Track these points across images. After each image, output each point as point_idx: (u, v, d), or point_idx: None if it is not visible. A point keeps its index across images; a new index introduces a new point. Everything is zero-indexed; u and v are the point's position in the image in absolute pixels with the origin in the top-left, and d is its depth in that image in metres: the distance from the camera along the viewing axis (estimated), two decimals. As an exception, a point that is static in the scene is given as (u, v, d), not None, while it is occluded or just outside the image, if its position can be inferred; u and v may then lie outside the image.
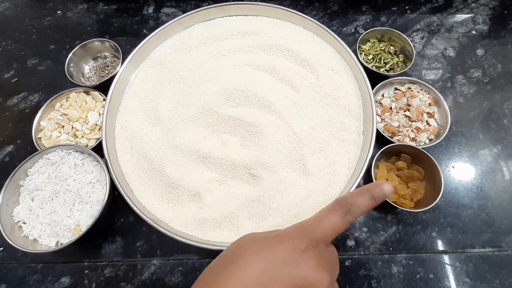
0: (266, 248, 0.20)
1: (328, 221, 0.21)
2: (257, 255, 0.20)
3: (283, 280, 0.19)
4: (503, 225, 0.41)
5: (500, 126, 0.48)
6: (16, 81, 0.55)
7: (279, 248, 0.20)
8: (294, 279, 0.19)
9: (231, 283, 0.19)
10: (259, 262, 0.20)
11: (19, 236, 0.38)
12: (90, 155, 0.42)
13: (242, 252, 0.20)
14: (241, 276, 0.19)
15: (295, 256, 0.20)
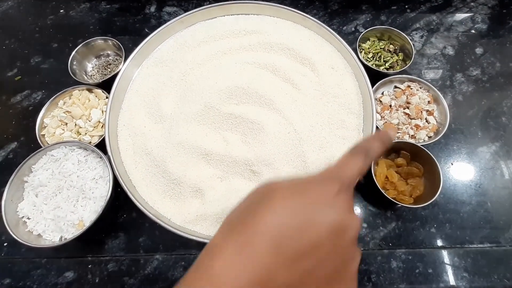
0: (299, 192, 0.20)
1: (353, 164, 0.22)
2: (290, 198, 0.19)
3: (320, 223, 0.18)
4: (501, 221, 0.42)
5: (499, 124, 0.49)
6: (20, 79, 0.56)
7: (312, 191, 0.20)
8: (330, 221, 0.19)
9: (263, 226, 0.18)
10: (293, 205, 0.19)
11: (23, 231, 0.39)
12: (94, 151, 0.43)
13: (272, 195, 0.19)
14: (274, 218, 0.18)
15: (329, 199, 0.20)
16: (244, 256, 0.17)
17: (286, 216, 0.18)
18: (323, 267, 0.18)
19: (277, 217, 0.18)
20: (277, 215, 0.18)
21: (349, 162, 0.22)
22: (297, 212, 0.18)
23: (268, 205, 0.19)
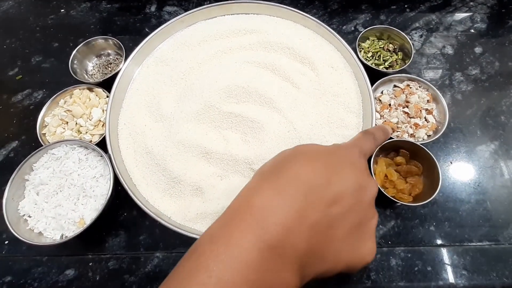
0: (326, 152, 0.22)
1: (367, 140, 0.25)
2: (318, 156, 0.21)
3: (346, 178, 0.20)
4: (500, 219, 0.42)
5: (498, 123, 0.49)
6: (21, 78, 0.56)
7: (338, 153, 0.22)
8: (354, 178, 0.21)
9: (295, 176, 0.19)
10: (321, 162, 0.21)
11: (24, 229, 0.39)
12: (94, 150, 0.43)
13: (302, 154, 0.21)
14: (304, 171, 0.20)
15: (353, 160, 0.22)
16: (280, 196, 0.19)
17: (315, 170, 0.20)
18: (347, 218, 0.20)
19: (307, 170, 0.20)
20: (307, 168, 0.20)
21: (363, 138, 0.25)
22: (325, 167, 0.20)
23: (299, 161, 0.21)
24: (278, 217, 0.18)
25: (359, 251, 0.21)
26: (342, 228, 0.20)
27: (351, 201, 0.20)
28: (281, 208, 0.18)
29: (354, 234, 0.21)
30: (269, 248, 0.17)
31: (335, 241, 0.19)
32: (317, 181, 0.20)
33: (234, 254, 0.17)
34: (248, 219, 0.18)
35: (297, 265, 0.18)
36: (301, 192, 0.19)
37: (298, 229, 0.18)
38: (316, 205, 0.19)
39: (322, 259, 0.19)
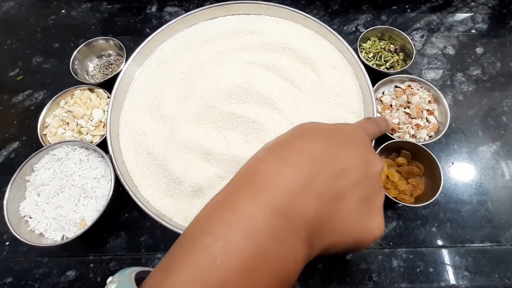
0: (333, 129, 0.22)
1: (371, 123, 0.26)
2: (325, 132, 0.21)
3: (353, 152, 0.21)
4: (502, 220, 0.42)
5: (499, 123, 0.49)
6: (21, 79, 0.56)
7: (344, 130, 0.22)
8: (361, 153, 0.21)
9: (301, 149, 0.19)
10: (328, 137, 0.21)
11: (25, 230, 0.39)
12: (95, 151, 0.43)
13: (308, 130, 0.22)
14: (311, 145, 0.20)
15: (359, 137, 0.22)
16: (286, 165, 0.19)
17: (320, 144, 0.20)
18: (354, 191, 0.20)
19: (313, 144, 0.20)
20: (312, 142, 0.20)
21: (367, 121, 0.26)
22: (330, 142, 0.20)
23: (304, 135, 0.21)
24: (285, 184, 0.18)
25: (367, 225, 0.21)
26: (350, 200, 0.20)
27: (357, 175, 0.20)
28: (288, 175, 0.18)
29: (361, 207, 0.20)
30: (276, 213, 0.17)
31: (343, 213, 0.19)
32: (323, 154, 0.20)
33: (240, 218, 0.17)
34: (254, 185, 0.18)
35: (305, 233, 0.18)
36: (307, 162, 0.19)
37: (305, 196, 0.18)
38: (322, 176, 0.19)
39: (330, 230, 0.19)
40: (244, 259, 0.16)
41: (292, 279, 0.18)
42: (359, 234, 0.20)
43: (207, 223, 0.18)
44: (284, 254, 0.17)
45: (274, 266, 0.16)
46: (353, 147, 0.21)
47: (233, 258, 0.15)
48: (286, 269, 0.17)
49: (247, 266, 0.16)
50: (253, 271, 0.16)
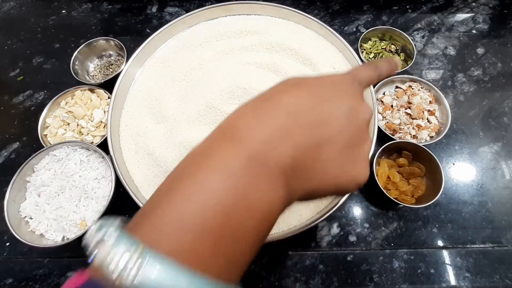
0: (316, 79, 0.21)
1: (363, 69, 0.25)
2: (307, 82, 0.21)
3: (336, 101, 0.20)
4: (503, 221, 0.42)
5: (500, 124, 0.49)
6: (22, 79, 0.56)
7: (328, 79, 0.22)
8: (344, 101, 0.21)
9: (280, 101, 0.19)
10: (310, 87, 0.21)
11: (26, 231, 0.39)
12: (96, 151, 0.43)
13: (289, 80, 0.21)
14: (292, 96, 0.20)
15: (343, 85, 0.22)
16: (262, 117, 0.19)
17: (301, 95, 0.20)
18: (336, 140, 0.20)
19: (292, 96, 0.20)
20: (292, 94, 0.20)
21: (360, 67, 0.25)
22: (312, 93, 0.20)
23: (284, 88, 0.21)
24: (261, 134, 0.18)
25: (350, 172, 0.21)
26: (331, 149, 0.20)
27: (340, 123, 0.20)
28: (264, 126, 0.18)
29: (344, 156, 0.20)
30: (253, 160, 0.17)
31: (322, 161, 0.19)
32: (302, 105, 0.19)
33: (218, 164, 0.17)
34: (231, 137, 0.18)
35: (283, 178, 0.18)
36: (284, 114, 0.19)
37: (282, 145, 0.18)
38: (300, 126, 0.19)
39: (308, 177, 0.19)
40: (223, 201, 0.16)
41: (271, 221, 0.18)
42: (340, 181, 0.21)
43: (185, 169, 0.18)
44: (262, 196, 0.17)
45: (253, 208, 0.17)
46: (336, 96, 0.21)
47: (212, 200, 0.16)
48: (264, 211, 0.17)
49: (226, 207, 0.16)
50: (233, 212, 0.16)
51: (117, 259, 0.14)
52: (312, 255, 0.40)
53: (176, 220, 0.16)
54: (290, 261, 0.40)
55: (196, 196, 0.16)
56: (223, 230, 0.16)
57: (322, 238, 0.42)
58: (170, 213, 0.16)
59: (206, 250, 0.16)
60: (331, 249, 0.41)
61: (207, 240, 0.16)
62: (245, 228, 0.17)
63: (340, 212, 0.43)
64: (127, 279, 0.14)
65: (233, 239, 0.16)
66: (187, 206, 0.16)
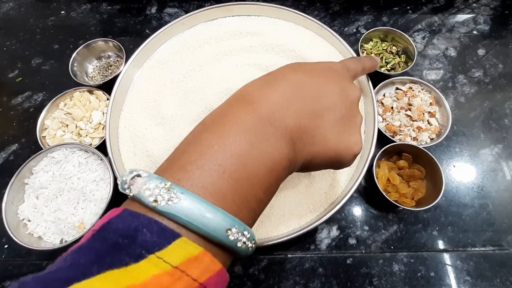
0: (311, 64, 0.25)
1: (352, 61, 0.29)
2: (305, 66, 0.25)
3: (329, 81, 0.24)
4: (504, 224, 0.42)
5: (501, 126, 0.49)
6: (21, 81, 0.55)
7: (321, 64, 0.26)
8: (336, 81, 0.25)
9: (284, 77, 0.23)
10: (307, 70, 0.24)
11: (24, 233, 0.39)
12: (94, 153, 0.43)
13: (288, 65, 0.25)
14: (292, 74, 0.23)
15: (338, 69, 0.26)
16: (270, 87, 0.22)
17: (300, 74, 0.23)
18: (333, 111, 0.23)
19: (293, 74, 0.23)
20: (293, 72, 0.23)
21: (348, 59, 0.30)
22: (310, 74, 0.24)
23: (288, 69, 0.24)
24: (269, 100, 0.21)
25: (346, 141, 0.24)
26: (328, 118, 0.23)
27: (334, 99, 0.23)
28: (271, 95, 0.21)
29: (340, 126, 0.24)
30: (263, 119, 0.20)
31: (322, 128, 0.23)
32: (303, 81, 0.23)
33: (236, 120, 0.20)
34: (244, 101, 0.21)
35: (288, 138, 0.21)
36: (288, 87, 0.22)
37: (287, 110, 0.21)
38: (302, 97, 0.22)
39: (311, 141, 0.22)
40: (240, 151, 0.19)
41: (279, 174, 0.21)
42: (338, 148, 0.23)
43: (207, 125, 0.21)
44: (272, 150, 0.20)
45: (264, 159, 0.19)
46: (330, 78, 0.24)
47: (231, 150, 0.18)
48: (273, 163, 0.20)
49: (242, 156, 0.18)
50: (248, 161, 0.19)
51: (151, 187, 0.16)
52: (311, 258, 0.40)
53: (200, 164, 0.18)
54: (289, 264, 0.40)
55: (218, 146, 0.18)
56: (240, 175, 0.18)
57: (321, 241, 0.41)
58: (195, 158, 0.18)
59: (226, 191, 0.18)
60: (330, 252, 0.41)
61: (227, 182, 0.18)
62: (257, 176, 0.19)
63: (340, 214, 0.43)
64: (161, 204, 0.16)
65: (248, 184, 0.19)
66: (210, 154, 0.18)
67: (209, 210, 0.16)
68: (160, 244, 0.15)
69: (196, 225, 0.16)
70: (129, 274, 0.14)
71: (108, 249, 0.15)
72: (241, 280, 0.39)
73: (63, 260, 0.16)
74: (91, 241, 0.16)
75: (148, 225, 0.15)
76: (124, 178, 0.18)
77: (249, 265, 0.40)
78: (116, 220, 0.16)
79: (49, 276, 0.14)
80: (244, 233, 0.17)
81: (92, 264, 0.14)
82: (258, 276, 0.39)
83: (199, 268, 0.15)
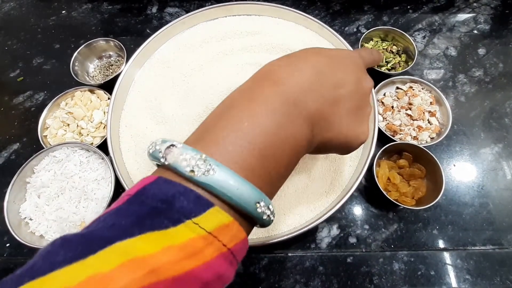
0: (330, 50, 0.26)
1: (365, 52, 0.30)
2: (327, 52, 0.25)
3: (348, 69, 0.25)
4: (504, 223, 0.42)
5: (502, 125, 0.49)
6: (22, 80, 0.56)
7: (340, 51, 0.26)
8: (354, 70, 0.25)
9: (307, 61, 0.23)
10: (329, 56, 0.25)
11: (25, 232, 0.39)
12: (95, 152, 0.43)
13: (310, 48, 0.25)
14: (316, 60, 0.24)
15: (355, 58, 0.26)
16: (294, 68, 0.23)
17: (322, 59, 0.24)
18: (349, 100, 0.24)
19: (316, 58, 0.24)
20: (317, 58, 0.24)
21: (362, 49, 0.30)
22: (330, 59, 0.24)
23: (309, 53, 0.25)
24: (295, 81, 0.22)
25: (356, 129, 0.25)
26: (344, 107, 0.24)
27: (351, 88, 0.24)
28: (297, 76, 0.22)
29: (353, 114, 0.25)
30: (288, 101, 0.21)
31: (338, 115, 0.24)
32: (324, 67, 0.23)
33: (263, 99, 0.21)
34: (270, 79, 0.22)
35: (308, 121, 0.22)
36: (311, 71, 0.23)
37: (310, 95, 0.22)
38: (323, 83, 0.23)
39: (327, 126, 0.23)
40: (267, 129, 0.19)
41: (299, 153, 0.22)
42: (349, 135, 0.25)
43: (235, 101, 0.21)
44: (296, 131, 0.21)
45: (288, 139, 0.20)
46: (349, 66, 0.25)
47: (259, 127, 0.19)
48: (295, 143, 0.21)
49: (269, 134, 0.19)
50: (274, 139, 0.20)
51: (187, 158, 0.17)
52: (312, 257, 0.40)
53: (231, 140, 0.19)
54: (289, 262, 0.40)
55: (248, 123, 0.19)
56: (268, 153, 0.19)
57: (321, 239, 0.42)
58: (227, 134, 0.19)
59: (255, 166, 0.19)
60: (331, 250, 0.41)
61: (256, 159, 0.19)
62: (282, 155, 0.20)
63: (340, 213, 0.43)
64: (197, 174, 0.17)
65: (274, 161, 0.20)
66: (241, 130, 0.19)
67: (242, 183, 0.17)
68: (196, 211, 0.16)
69: (230, 196, 0.17)
70: (168, 236, 0.15)
71: (148, 212, 0.16)
72: (241, 278, 0.39)
73: (102, 220, 0.17)
74: (128, 204, 0.17)
75: (185, 193, 0.17)
76: (158, 147, 0.18)
77: (250, 263, 0.40)
78: (152, 186, 0.17)
79: (93, 233, 0.15)
80: (269, 207, 0.19)
81: (132, 226, 0.15)
82: (258, 275, 0.40)
83: (229, 235, 0.17)
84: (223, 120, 0.20)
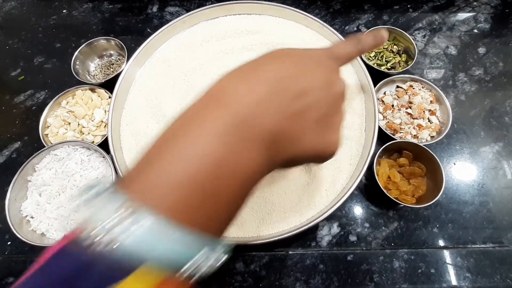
0: (294, 52, 0.23)
1: (343, 45, 0.26)
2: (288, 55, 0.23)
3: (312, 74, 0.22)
4: (504, 221, 0.42)
5: (502, 124, 0.49)
6: (23, 79, 0.56)
7: (306, 53, 0.23)
8: (320, 74, 0.22)
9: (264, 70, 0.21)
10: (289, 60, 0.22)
11: (27, 230, 0.39)
12: (96, 151, 0.43)
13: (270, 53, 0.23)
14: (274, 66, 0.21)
15: (322, 60, 0.24)
16: (245, 83, 0.20)
17: (281, 65, 0.22)
18: (314, 110, 0.21)
19: (276, 67, 0.21)
20: (276, 66, 0.22)
21: (339, 44, 0.26)
22: (292, 64, 0.22)
23: (270, 59, 0.22)
24: (244, 99, 0.19)
25: (324, 140, 0.23)
26: (309, 118, 0.21)
27: (317, 95, 0.22)
28: (247, 92, 0.20)
29: (320, 125, 0.22)
30: (238, 123, 0.19)
31: (302, 128, 0.21)
32: (284, 75, 0.21)
33: (205, 126, 0.19)
34: (216, 101, 0.20)
35: (265, 141, 0.19)
36: (266, 82, 0.20)
37: (263, 111, 0.19)
38: (281, 94, 0.20)
39: (288, 144, 0.21)
40: (208, 162, 0.17)
41: (253, 178, 0.20)
42: (317, 148, 0.22)
43: (175, 131, 0.20)
44: (244, 156, 0.19)
45: (237, 166, 0.18)
46: (315, 70, 0.22)
47: (198, 162, 0.17)
48: (248, 169, 0.19)
49: (211, 167, 0.17)
50: (216, 172, 0.18)
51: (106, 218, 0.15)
52: (312, 255, 0.40)
53: (166, 178, 0.17)
54: (290, 260, 0.40)
55: (185, 157, 0.17)
56: (212, 185, 0.17)
57: (322, 237, 0.42)
58: (163, 171, 0.17)
59: (196, 204, 0.17)
60: (331, 248, 0.41)
61: (194, 196, 0.17)
62: (226, 188, 0.18)
63: (341, 211, 0.43)
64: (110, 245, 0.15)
65: (220, 194, 0.18)
66: (176, 166, 0.17)
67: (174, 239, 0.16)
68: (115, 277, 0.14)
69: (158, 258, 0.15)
70: None
71: None
72: (242, 276, 0.40)
73: None
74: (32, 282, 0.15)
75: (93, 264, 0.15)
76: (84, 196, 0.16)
77: (251, 261, 0.40)
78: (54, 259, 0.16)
79: None
80: (215, 249, 0.17)
81: None
82: (259, 273, 0.40)
83: None
84: (159, 154, 0.18)
